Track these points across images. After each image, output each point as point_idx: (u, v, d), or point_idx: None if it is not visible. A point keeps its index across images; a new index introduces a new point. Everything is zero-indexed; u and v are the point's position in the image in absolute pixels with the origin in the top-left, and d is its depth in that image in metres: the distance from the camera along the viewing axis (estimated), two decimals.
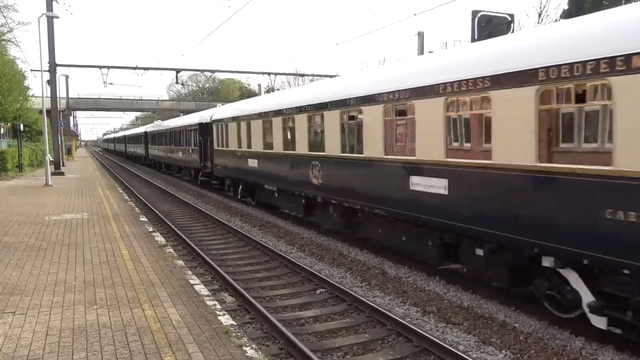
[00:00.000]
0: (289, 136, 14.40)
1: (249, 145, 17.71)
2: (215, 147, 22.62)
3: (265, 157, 16.34)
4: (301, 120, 13.51)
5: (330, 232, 14.01)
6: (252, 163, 17.39)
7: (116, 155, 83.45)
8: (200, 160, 26.04)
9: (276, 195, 16.02)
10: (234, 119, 19.60)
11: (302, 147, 13.51)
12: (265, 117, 16.06)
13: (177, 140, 32.71)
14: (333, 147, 11.92)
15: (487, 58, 7.55)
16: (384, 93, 9.84)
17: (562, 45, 6.29)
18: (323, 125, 12.40)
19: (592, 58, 5.79)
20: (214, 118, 23.06)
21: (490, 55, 7.59)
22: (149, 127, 49.07)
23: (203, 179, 26.49)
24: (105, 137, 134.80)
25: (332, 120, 11.94)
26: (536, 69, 6.43)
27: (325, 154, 12.26)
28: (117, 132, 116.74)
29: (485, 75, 7.24)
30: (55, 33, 29.29)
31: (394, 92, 9.52)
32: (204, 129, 25.18)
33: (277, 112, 15.05)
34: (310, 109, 12.97)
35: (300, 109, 13.55)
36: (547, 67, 6.28)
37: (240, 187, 19.92)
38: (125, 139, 70.15)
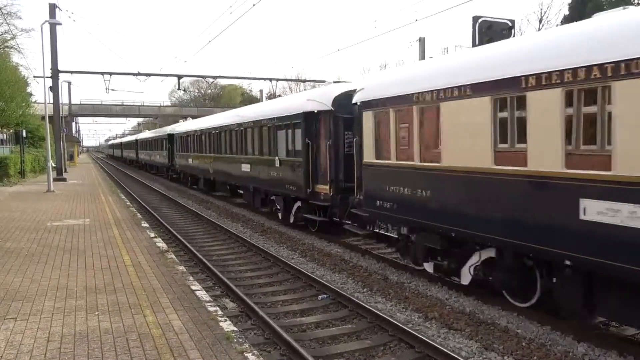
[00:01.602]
0: None
1: None
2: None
3: None
4: None
5: (331, 237, 13.97)
6: None
7: (124, 163, 71.53)
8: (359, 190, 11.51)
9: None
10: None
11: None
12: None
13: (243, 145, 19.51)
14: None
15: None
16: None
17: None
18: None
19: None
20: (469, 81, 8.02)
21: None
22: (177, 127, 35.54)
23: (349, 224, 12.46)
24: (110, 142, 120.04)
25: None
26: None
27: None
28: (124, 136, 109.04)
29: None
30: (58, 40, 29.61)
31: None
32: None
33: None
34: None
35: None
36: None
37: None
38: (136, 144, 57.06)
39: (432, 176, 8.82)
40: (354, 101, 11.27)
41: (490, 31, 10.20)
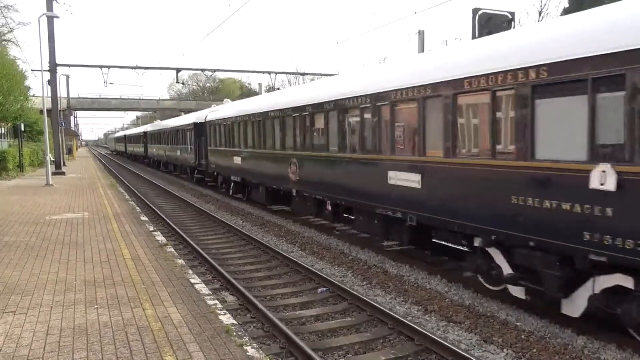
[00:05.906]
0: None
1: None
2: None
3: None
4: None
5: (331, 231, 13.99)
6: None
7: (154, 167, 46.03)
8: None
9: None
10: None
11: None
12: None
13: None
14: None
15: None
16: None
17: None
18: None
19: None
20: None
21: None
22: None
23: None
24: (122, 133, 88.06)
25: None
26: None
27: None
28: (136, 125, 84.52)
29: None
30: (56, 33, 29.35)
31: None
32: None
33: None
34: None
35: None
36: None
37: None
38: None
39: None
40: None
41: (489, 23, 10.14)
